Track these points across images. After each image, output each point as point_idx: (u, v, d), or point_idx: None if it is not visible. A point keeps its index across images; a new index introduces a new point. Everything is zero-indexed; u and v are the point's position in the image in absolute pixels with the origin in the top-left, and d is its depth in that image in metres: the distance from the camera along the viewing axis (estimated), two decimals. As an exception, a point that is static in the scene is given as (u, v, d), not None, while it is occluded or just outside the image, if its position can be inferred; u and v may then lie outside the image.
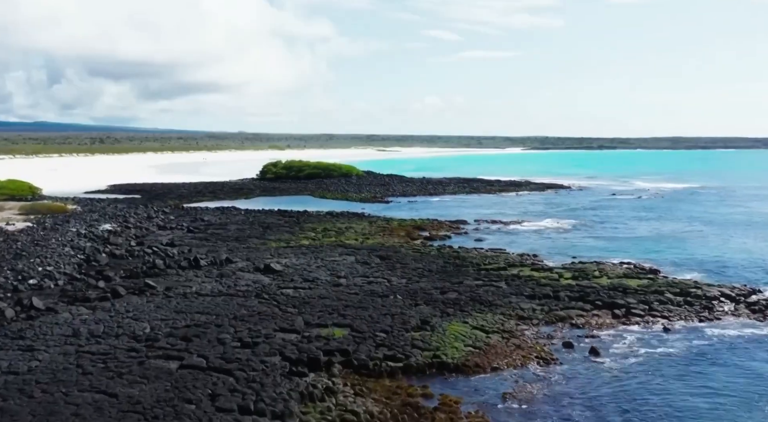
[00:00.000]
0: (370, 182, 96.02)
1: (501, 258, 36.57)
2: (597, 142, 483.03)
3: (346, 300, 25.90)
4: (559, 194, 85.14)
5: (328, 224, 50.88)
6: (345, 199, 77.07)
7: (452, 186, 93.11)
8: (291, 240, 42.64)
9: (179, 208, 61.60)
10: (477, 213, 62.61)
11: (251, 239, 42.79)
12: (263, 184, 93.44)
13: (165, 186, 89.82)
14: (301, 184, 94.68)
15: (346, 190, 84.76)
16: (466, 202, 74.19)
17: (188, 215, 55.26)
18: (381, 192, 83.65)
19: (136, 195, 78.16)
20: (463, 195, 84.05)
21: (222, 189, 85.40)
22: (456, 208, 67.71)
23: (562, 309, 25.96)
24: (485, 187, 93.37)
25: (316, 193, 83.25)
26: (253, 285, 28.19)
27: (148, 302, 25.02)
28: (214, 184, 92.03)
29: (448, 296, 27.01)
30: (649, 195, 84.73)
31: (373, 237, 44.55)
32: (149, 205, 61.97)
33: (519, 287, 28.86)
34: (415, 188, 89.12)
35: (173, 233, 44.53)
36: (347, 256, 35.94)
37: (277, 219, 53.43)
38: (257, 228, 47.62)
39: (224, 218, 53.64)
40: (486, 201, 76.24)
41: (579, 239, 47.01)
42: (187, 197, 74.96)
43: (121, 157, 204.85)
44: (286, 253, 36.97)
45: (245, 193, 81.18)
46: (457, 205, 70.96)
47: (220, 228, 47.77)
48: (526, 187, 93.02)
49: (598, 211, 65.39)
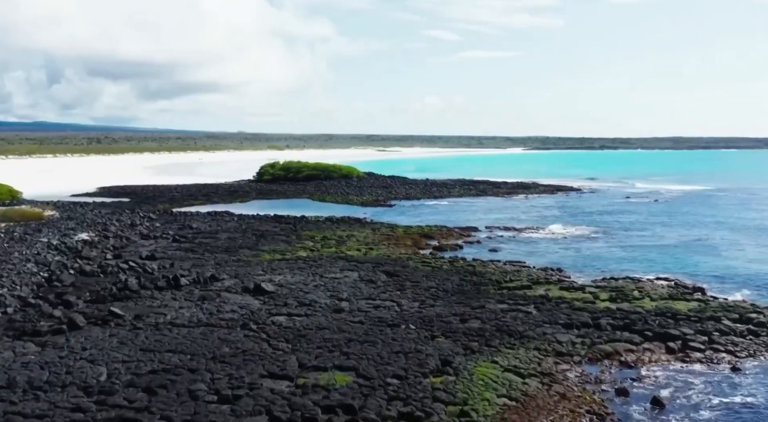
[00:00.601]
0: (372, 184, 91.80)
1: (523, 274, 32.40)
2: (598, 142, 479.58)
3: (349, 332, 21.71)
4: (571, 197, 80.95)
5: (328, 232, 46.69)
6: (345, 202, 72.87)
7: (457, 188, 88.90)
8: (286, 252, 38.44)
9: (168, 214, 57.37)
10: (487, 219, 58.44)
11: (243, 250, 38.58)
12: (260, 187, 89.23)
13: (157, 188, 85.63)
14: (300, 186, 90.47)
15: (347, 193, 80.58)
16: (473, 206, 70.00)
17: (176, 222, 51.02)
18: (383, 194, 79.47)
19: (125, 198, 74.01)
20: (470, 198, 79.87)
21: (216, 191, 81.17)
22: (463, 213, 63.54)
23: (607, 342, 21.76)
24: (492, 189, 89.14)
25: (315, 195, 79.07)
26: (240, 311, 23.99)
27: (110, 336, 20.80)
28: (208, 187, 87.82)
29: (470, 325, 22.83)
30: (664, 198, 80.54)
31: (377, 248, 40.35)
32: (136, 210, 57.75)
33: (551, 312, 24.66)
34: (418, 190, 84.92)
35: (157, 243, 40.32)
36: (349, 272, 31.74)
37: (272, 227, 49.23)
38: (250, 237, 43.41)
39: (215, 225, 49.42)
40: (494, 204, 72.04)
41: (603, 249, 42.83)
42: (179, 201, 70.74)
43: (116, 158, 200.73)
44: (281, 268, 32.76)
45: (240, 196, 76.97)
46: (465, 209, 66.79)
47: (210, 236, 43.56)
48: (534, 190, 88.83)
49: (616, 215, 61.19)
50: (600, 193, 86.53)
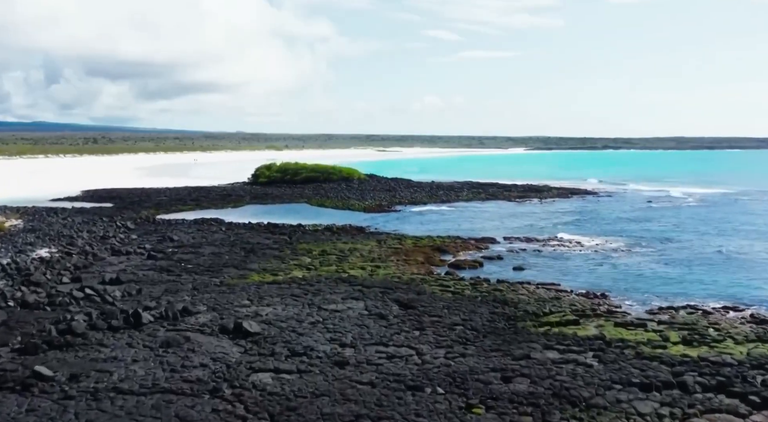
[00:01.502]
0: (374, 187, 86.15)
1: (564, 303, 26.78)
2: (600, 142, 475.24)
3: (355, 400, 16.09)
4: (588, 201, 75.31)
5: (328, 245, 41.08)
6: (346, 207, 67.26)
7: (465, 191, 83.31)
8: (279, 272, 32.82)
9: (149, 222, 51.70)
10: (503, 227, 52.85)
11: (228, 269, 32.95)
12: (255, 190, 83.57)
13: (144, 192, 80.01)
14: (297, 189, 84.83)
15: (348, 197, 74.96)
16: (484, 212, 64.38)
17: (156, 232, 45.33)
18: (387, 199, 73.86)
19: (109, 203, 68.40)
20: (479, 202, 74.29)
21: (207, 196, 75.51)
22: (475, 220, 57.94)
23: (704, 413, 16.14)
24: (502, 192, 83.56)
25: (314, 200, 73.43)
26: (213, 365, 18.35)
27: (27, 411, 15.13)
28: (199, 190, 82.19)
29: (516, 387, 17.20)
30: (689, 202, 74.94)
31: (385, 266, 34.75)
32: (114, 218, 52.07)
33: (618, 365, 18.99)
34: (424, 194, 79.29)
35: (128, 261, 34.66)
36: (354, 301, 26.11)
37: (264, 238, 43.61)
38: (238, 253, 37.77)
39: (200, 236, 43.76)
40: (507, 210, 66.43)
41: (644, 265, 37.21)
42: (165, 206, 65.08)
43: (110, 159, 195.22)
44: (270, 295, 27.13)
45: (233, 201, 71.29)
46: (476, 216, 61.17)
47: (192, 251, 37.93)
48: (547, 193, 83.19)
49: (644, 223, 55.59)
50: (618, 197, 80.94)
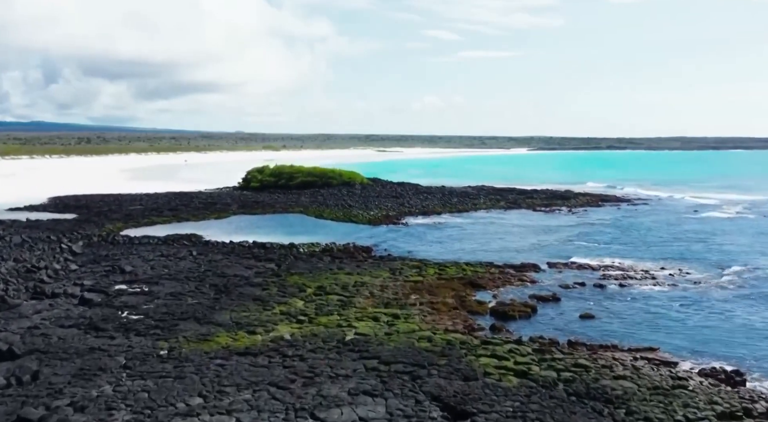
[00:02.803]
0: (379, 193, 76.54)
1: (697, 396, 17.19)
2: (604, 142, 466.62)
3: None
4: (625, 211, 65.74)
5: (327, 277, 31.55)
6: (348, 219, 57.68)
7: (482, 199, 73.69)
8: (257, 327, 23.26)
9: (106, 241, 42.02)
10: (540, 247, 43.40)
11: (186, 324, 23.39)
12: (244, 197, 73.89)
13: (118, 199, 70.34)
14: (293, 195, 75.29)
15: (350, 206, 65.36)
16: (511, 225, 54.81)
17: (108, 259, 35.61)
18: (394, 208, 64.32)
19: (72, 213, 58.82)
20: (500, 211, 64.81)
21: (188, 204, 65.84)
22: (504, 236, 48.40)
23: None
24: (523, 199, 73.98)
25: (311, 209, 63.79)
26: None
27: None
28: (181, 197, 72.54)
29: None
30: (741, 213, 65.40)
31: (406, 314, 25.24)
32: (64, 237, 42.38)
33: None
34: (436, 202, 69.71)
35: (50, 309, 25.03)
36: (369, 399, 16.51)
37: (246, 267, 34.01)
38: (206, 293, 28.17)
39: (162, 265, 34.11)
40: (536, 222, 56.92)
41: (753, 309, 27.71)
42: (136, 218, 55.47)
43: (98, 159, 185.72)
44: (237, 382, 17.54)
45: (217, 211, 61.59)
46: (503, 230, 51.64)
47: (145, 291, 28.34)
48: (575, 200, 73.60)
49: (708, 241, 46.12)
50: (655, 205, 71.36)
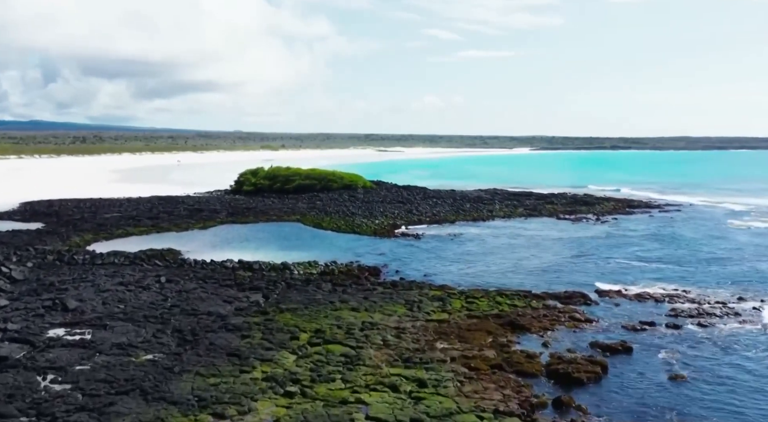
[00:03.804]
0: (383, 198, 69.74)
1: None
2: (608, 141, 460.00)
3: None
4: (658, 219, 58.93)
5: (326, 314, 24.82)
6: (351, 229, 50.96)
7: (498, 204, 66.90)
8: (228, 402, 16.58)
9: (61, 261, 35.16)
10: (578, 266, 36.72)
11: (126, 400, 16.68)
12: (235, 202, 67.04)
13: (96, 204, 63.56)
14: (289, 200, 68.52)
15: (352, 213, 58.56)
16: (536, 237, 48.06)
17: (53, 288, 28.77)
18: (401, 215, 57.58)
19: (40, 222, 52.22)
20: (520, 220, 58.06)
21: (173, 211, 59.02)
22: (532, 251, 41.62)
23: None
24: (543, 205, 67.20)
25: (308, 217, 57.02)
26: None
27: None
28: (166, 202, 65.74)
29: None
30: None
31: (437, 381, 18.48)
32: (10, 254, 35.51)
33: None
34: (447, 208, 62.92)
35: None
36: None
37: (224, 300, 27.22)
38: (166, 342, 21.39)
39: (116, 298, 27.27)
40: (563, 232, 50.16)
41: None
42: (109, 228, 48.77)
43: (89, 159, 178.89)
44: None
45: (203, 219, 54.81)
46: (529, 244, 44.88)
47: (84, 340, 21.56)
48: (599, 206, 66.78)
49: None
50: (690, 213, 64.52)
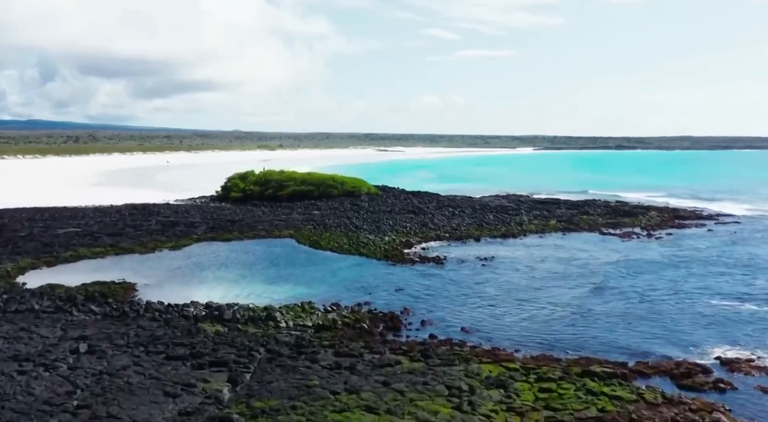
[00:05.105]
0: (391, 207, 60.17)
1: None
2: (611, 141, 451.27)
3: None
4: (722, 235, 49.35)
5: (326, 415, 15.24)
6: (356, 249, 41.44)
7: (524, 214, 57.26)
8: None
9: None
10: (666, 312, 27.17)
11: None
12: (219, 213, 57.43)
13: (54, 215, 54.09)
14: (282, 209, 59.08)
15: (356, 227, 49.02)
16: (588, 261, 38.54)
17: None
18: (415, 229, 48.12)
19: (-23, 240, 42.57)
20: (557, 235, 48.68)
21: (142, 224, 49.47)
22: (591, 282, 32.04)
23: None
24: (578, 215, 57.50)
25: (304, 232, 47.47)
26: None
27: None
28: (139, 212, 56.18)
29: None
30: None
31: None
32: None
33: None
34: (468, 220, 53.36)
35: None
36: None
37: (167, 392, 17.68)
38: None
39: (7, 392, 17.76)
40: (619, 254, 40.69)
41: None
42: (55, 250, 39.21)
43: (76, 160, 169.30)
44: None
45: (177, 236, 45.28)
46: (582, 271, 35.38)
47: None
48: (642, 217, 57.11)
49: None
50: (750, 224, 54.93)
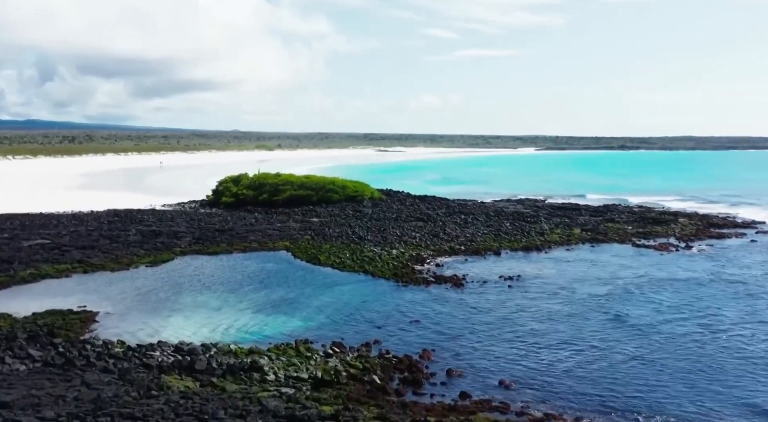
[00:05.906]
0: (398, 214, 54.70)
1: None
2: (614, 141, 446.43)
3: None
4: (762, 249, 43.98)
5: None
6: (360, 266, 36.00)
7: (544, 222, 51.84)
8: None
9: None
10: (743, 359, 21.74)
11: None
12: (208, 221, 51.92)
13: (24, 222, 48.75)
14: (278, 216, 53.73)
15: (360, 238, 43.58)
16: (630, 281, 33.13)
17: None
18: (427, 241, 42.73)
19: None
20: (585, 247, 43.46)
21: (119, 235, 44.01)
22: (639, 313, 26.67)
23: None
24: (603, 223, 52.09)
25: (301, 244, 42.03)
26: None
27: None
28: (119, 219, 50.75)
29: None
30: None
31: None
32: None
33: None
34: (483, 229, 47.97)
35: None
36: None
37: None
38: None
39: None
40: (661, 271, 35.30)
41: None
42: (13, 266, 33.73)
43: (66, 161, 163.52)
44: None
45: (158, 249, 39.85)
46: (626, 295, 30.00)
47: None
48: (674, 226, 51.71)
49: None
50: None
